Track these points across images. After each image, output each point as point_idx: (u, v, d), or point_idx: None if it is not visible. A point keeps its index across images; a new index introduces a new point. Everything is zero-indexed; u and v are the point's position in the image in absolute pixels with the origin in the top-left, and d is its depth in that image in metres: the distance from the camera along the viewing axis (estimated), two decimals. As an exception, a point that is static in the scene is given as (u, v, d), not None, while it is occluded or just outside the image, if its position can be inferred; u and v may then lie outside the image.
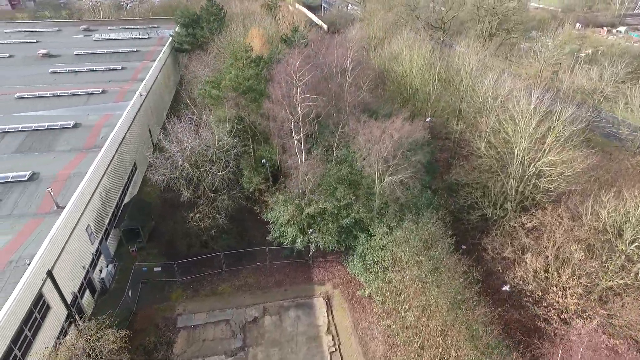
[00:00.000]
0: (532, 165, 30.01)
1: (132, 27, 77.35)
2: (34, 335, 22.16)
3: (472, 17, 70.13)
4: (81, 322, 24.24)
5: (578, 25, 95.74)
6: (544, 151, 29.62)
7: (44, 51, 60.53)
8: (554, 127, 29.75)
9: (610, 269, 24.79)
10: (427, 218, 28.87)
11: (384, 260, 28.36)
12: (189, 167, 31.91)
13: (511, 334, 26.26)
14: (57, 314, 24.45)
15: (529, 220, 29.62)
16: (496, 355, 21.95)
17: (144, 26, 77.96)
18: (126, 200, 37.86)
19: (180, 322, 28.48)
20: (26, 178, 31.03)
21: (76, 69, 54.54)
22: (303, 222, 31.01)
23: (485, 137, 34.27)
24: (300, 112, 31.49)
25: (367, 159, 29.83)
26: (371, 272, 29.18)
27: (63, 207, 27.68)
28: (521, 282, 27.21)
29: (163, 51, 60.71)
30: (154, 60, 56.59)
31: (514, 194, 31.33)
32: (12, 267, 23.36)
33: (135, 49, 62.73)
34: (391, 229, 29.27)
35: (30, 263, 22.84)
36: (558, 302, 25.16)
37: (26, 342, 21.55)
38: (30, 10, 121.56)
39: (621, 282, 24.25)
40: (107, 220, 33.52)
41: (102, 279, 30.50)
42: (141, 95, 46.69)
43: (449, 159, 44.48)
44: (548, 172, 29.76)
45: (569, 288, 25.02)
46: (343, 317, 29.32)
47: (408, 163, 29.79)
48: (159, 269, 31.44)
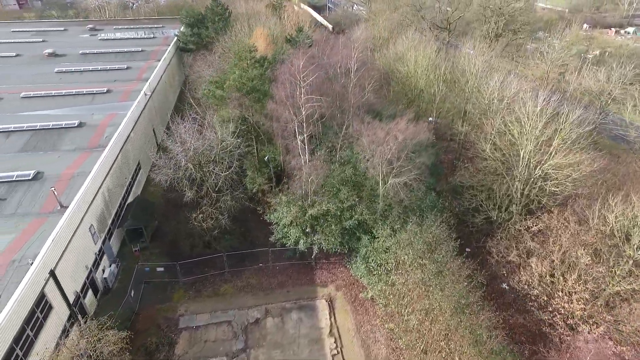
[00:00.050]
0: (538, 167, 29.65)
1: (138, 26, 77.56)
2: (35, 335, 22.15)
3: (478, 17, 69.60)
4: (83, 322, 24.21)
5: (585, 26, 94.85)
6: (550, 154, 29.25)
7: (50, 50, 60.80)
8: (561, 129, 29.38)
9: (617, 274, 24.41)
10: (431, 221, 28.61)
11: (387, 263, 28.12)
12: (192, 167, 31.86)
13: (515, 339, 25.90)
14: (59, 313, 24.44)
15: (534, 224, 29.30)
16: (500, 360, 21.68)
17: (150, 26, 78.16)
18: (130, 199, 37.89)
19: (182, 322, 28.41)
20: (30, 177, 31.09)
21: (81, 68, 54.68)
22: (306, 224, 30.86)
23: (490, 139, 33.94)
24: (304, 113, 31.31)
25: (370, 160, 29.63)
26: (374, 275, 28.97)
27: (66, 207, 27.71)
28: (526, 287, 26.87)
29: (168, 51, 60.77)
30: (159, 60, 56.66)
31: (519, 196, 30.98)
32: (15, 267, 23.36)
33: (141, 49, 62.82)
34: (395, 231, 29.04)
35: (32, 262, 22.86)
36: (564, 307, 24.81)
37: (28, 341, 21.54)
38: (38, 10, 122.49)
39: (628, 287, 23.87)
40: (111, 220, 33.54)
41: (105, 278, 30.51)
42: (146, 95, 46.73)
43: (453, 160, 44.14)
44: (554, 175, 29.40)
45: (575, 293, 24.67)
46: (345, 320, 29.12)
47: (412, 165, 29.54)
48: (162, 269, 31.41)
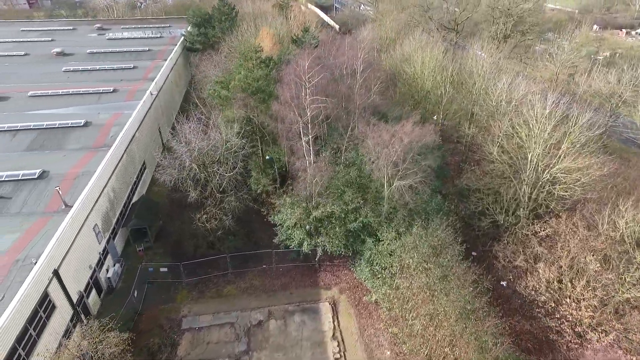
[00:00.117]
0: (547, 171, 29.16)
1: (145, 26, 77.81)
2: (38, 334, 22.16)
3: (487, 18, 68.82)
4: (86, 321, 24.21)
5: (596, 27, 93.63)
6: (559, 157, 28.76)
7: (58, 50, 61.17)
8: (570, 132, 28.88)
9: (627, 281, 23.89)
10: (437, 224, 28.24)
11: (391, 266, 27.81)
12: (196, 167, 31.79)
13: (522, 346, 25.44)
14: (62, 313, 24.44)
15: (542, 229, 28.81)
16: (506, 368, 21.33)
17: (157, 25, 78.35)
18: (135, 199, 37.93)
19: (185, 323, 28.34)
20: (36, 176, 31.20)
21: (89, 67, 54.91)
22: (310, 225, 30.64)
23: (497, 141, 33.49)
24: (309, 114, 31.10)
25: (376, 162, 29.34)
26: (378, 278, 28.66)
27: (71, 206, 27.76)
28: (533, 292, 26.41)
29: (174, 50, 60.86)
30: (165, 60, 56.74)
31: (526, 200, 30.50)
32: (18, 266, 23.40)
33: (147, 48, 62.98)
34: (400, 234, 28.73)
35: (36, 262, 22.90)
36: (572, 314, 24.34)
37: (31, 341, 21.55)
38: (47, 9, 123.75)
39: (639, 295, 23.33)
40: (115, 220, 33.58)
41: (109, 278, 30.53)
42: (152, 94, 46.80)
43: (460, 163, 43.68)
44: (563, 179, 28.89)
45: (584, 300, 24.19)
46: (349, 323, 28.87)
47: (418, 167, 29.19)
48: (165, 269, 31.36)
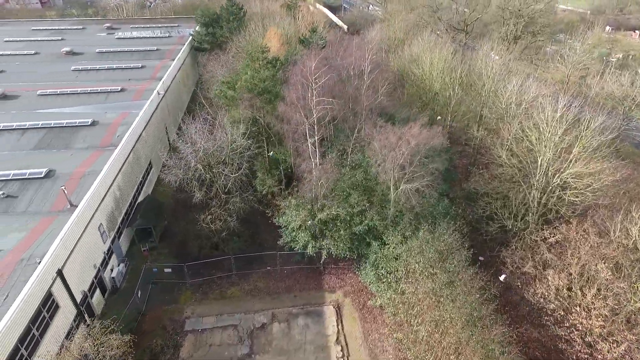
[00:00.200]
0: (557, 176, 28.51)
1: (154, 25, 78.20)
2: (41, 334, 22.16)
3: (497, 19, 67.97)
4: (90, 321, 24.17)
5: (608, 28, 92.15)
6: (570, 162, 28.10)
7: (67, 49, 61.67)
8: (582, 136, 28.21)
9: (639, 289, 23.23)
10: (444, 228, 27.73)
11: (397, 271, 27.38)
12: (201, 168, 31.66)
13: (530, 355, 24.90)
14: (66, 313, 24.45)
15: (551, 234, 28.15)
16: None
17: (166, 25, 78.74)
18: (140, 199, 37.94)
19: (188, 325, 28.22)
20: (42, 175, 31.33)
21: (97, 66, 55.21)
22: (315, 228, 30.35)
23: (507, 144, 32.86)
24: (315, 115, 30.83)
25: (382, 165, 28.95)
26: (383, 282, 28.26)
27: (76, 206, 27.79)
28: (542, 300, 25.81)
29: (182, 50, 60.99)
30: (173, 59, 56.87)
31: (536, 205, 29.88)
32: (23, 265, 23.44)
33: (156, 48, 63.21)
34: (406, 238, 28.30)
35: (40, 262, 22.89)
36: (582, 323, 23.71)
37: (34, 341, 21.55)
38: (59, 8, 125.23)
39: (652, 304, 22.69)
40: (120, 219, 33.60)
41: (113, 278, 30.54)
42: (159, 94, 46.87)
43: (468, 166, 43.03)
44: (574, 184, 28.22)
45: (594, 309, 23.55)
46: (353, 327, 28.53)
47: (425, 170, 28.74)
48: (169, 270, 31.28)
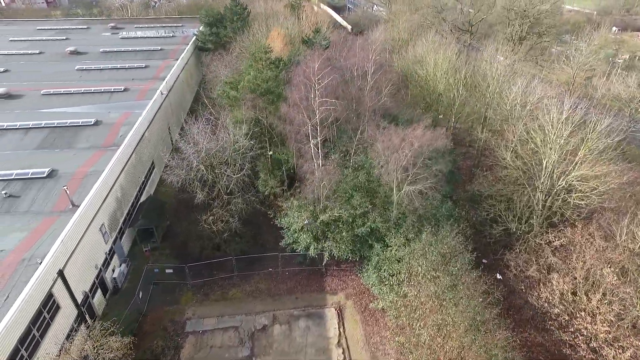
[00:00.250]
0: (562, 179, 28.17)
1: (158, 25, 78.39)
2: (42, 335, 22.11)
3: (502, 19, 67.46)
4: (91, 322, 24.10)
5: (615, 28, 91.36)
6: (576, 164, 27.74)
7: (72, 48, 61.89)
8: (588, 139, 27.84)
9: (646, 295, 22.85)
10: (447, 231, 27.45)
11: (399, 273, 27.14)
12: (203, 168, 31.56)
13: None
14: (66, 313, 24.40)
15: (556, 238, 27.77)
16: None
17: (170, 25, 78.90)
18: (142, 199, 37.91)
19: (189, 326, 28.11)
20: (45, 175, 31.34)
21: (101, 66, 55.32)
22: (317, 229, 30.17)
23: (511, 146, 32.58)
24: (318, 116, 30.64)
25: (385, 166, 28.72)
26: (386, 285, 28.02)
27: (78, 206, 27.76)
28: (546, 304, 25.45)
29: (186, 50, 61.03)
30: (177, 59, 56.88)
31: (540, 208, 29.54)
32: (24, 265, 23.41)
33: (160, 48, 63.28)
34: (408, 240, 28.06)
35: (41, 262, 22.85)
36: (587, 328, 23.35)
37: (34, 342, 21.50)
38: (65, 8, 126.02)
39: (658, 310, 22.29)
40: (122, 219, 33.57)
41: (115, 278, 30.49)
42: (162, 94, 46.87)
43: (472, 167, 42.71)
44: (579, 187, 27.87)
45: (600, 314, 23.18)
46: (355, 330, 28.32)
47: (428, 172, 28.48)
48: (171, 270, 31.18)
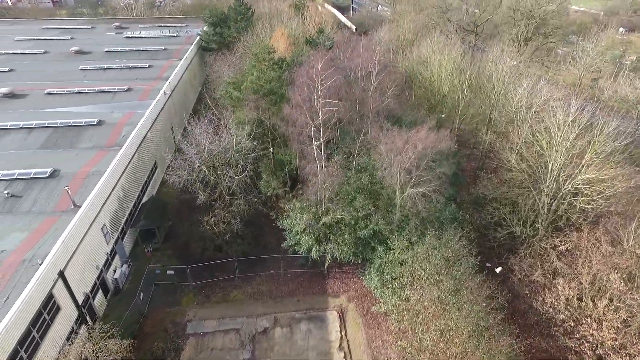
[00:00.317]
0: (568, 182, 27.74)
1: (162, 25, 78.39)
2: (42, 337, 21.99)
3: (507, 20, 66.93)
4: (92, 323, 23.99)
5: (622, 29, 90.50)
6: (582, 167, 27.31)
7: (76, 48, 61.92)
8: (595, 142, 27.41)
9: (653, 301, 22.43)
10: (451, 234, 27.14)
11: (402, 277, 26.87)
12: (205, 169, 31.40)
13: (538, 366, 24.32)
14: (67, 315, 24.28)
15: (562, 242, 27.38)
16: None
17: (174, 24, 78.90)
18: (145, 199, 37.82)
19: (190, 328, 27.95)
20: (47, 175, 31.29)
21: (105, 66, 55.29)
22: (319, 231, 29.92)
23: (516, 149, 32.17)
24: (321, 118, 30.39)
25: (388, 169, 28.43)
26: (388, 288, 27.77)
27: (79, 206, 27.66)
28: (551, 310, 25.07)
29: (190, 50, 60.94)
30: (181, 59, 56.81)
31: (546, 212, 29.13)
32: (25, 266, 23.33)
33: (164, 47, 63.22)
34: (412, 243, 27.78)
35: (42, 263, 22.76)
36: (592, 334, 22.97)
37: (33, 344, 21.39)
38: (70, 8, 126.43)
39: (666, 317, 21.88)
40: (124, 220, 33.47)
41: (116, 279, 30.39)
42: (165, 94, 46.78)
43: (476, 170, 42.30)
44: (585, 191, 27.42)
45: (606, 320, 22.79)
46: (357, 333, 28.05)
47: (432, 175, 28.16)
48: (172, 271, 31.04)
